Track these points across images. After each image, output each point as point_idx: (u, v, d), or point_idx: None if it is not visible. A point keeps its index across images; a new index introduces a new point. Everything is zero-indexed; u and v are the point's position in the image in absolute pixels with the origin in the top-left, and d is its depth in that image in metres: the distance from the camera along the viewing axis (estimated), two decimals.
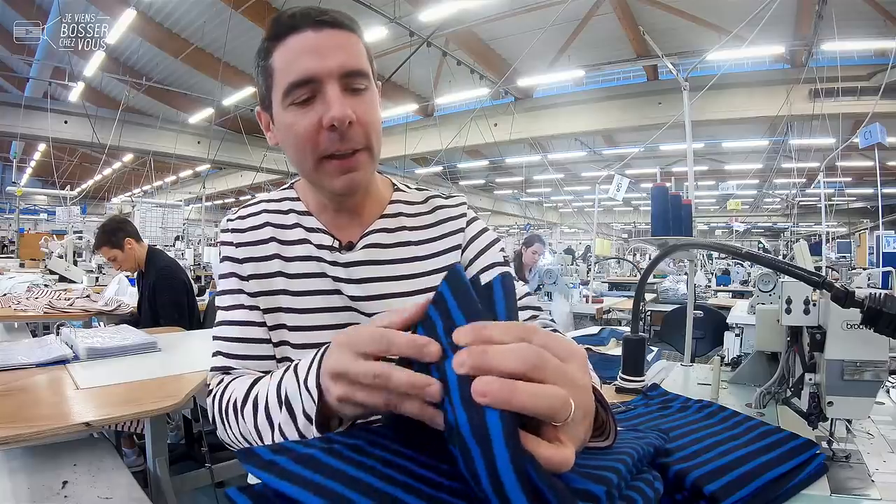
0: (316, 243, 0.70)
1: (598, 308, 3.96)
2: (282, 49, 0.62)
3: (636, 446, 0.47)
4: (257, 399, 0.54)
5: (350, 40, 0.64)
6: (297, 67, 0.61)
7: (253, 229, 0.71)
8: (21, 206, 11.84)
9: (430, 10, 7.27)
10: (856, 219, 17.19)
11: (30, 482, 0.93)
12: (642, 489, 0.42)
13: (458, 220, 0.75)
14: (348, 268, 0.68)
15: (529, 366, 0.32)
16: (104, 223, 2.66)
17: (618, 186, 4.48)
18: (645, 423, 0.81)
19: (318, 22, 0.62)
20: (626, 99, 10.41)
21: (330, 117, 0.60)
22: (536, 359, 0.32)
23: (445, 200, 0.77)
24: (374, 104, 0.65)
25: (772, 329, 0.99)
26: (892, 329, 0.62)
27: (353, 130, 0.62)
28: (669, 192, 1.53)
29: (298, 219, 0.72)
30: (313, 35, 0.62)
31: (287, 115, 0.63)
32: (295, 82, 0.61)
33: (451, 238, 0.73)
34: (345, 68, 0.61)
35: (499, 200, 21.98)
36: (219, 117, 11.75)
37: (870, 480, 0.68)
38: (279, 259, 0.69)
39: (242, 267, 0.69)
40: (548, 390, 0.32)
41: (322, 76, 0.61)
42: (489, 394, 0.30)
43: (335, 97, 0.60)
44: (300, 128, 0.62)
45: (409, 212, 0.74)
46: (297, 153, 0.64)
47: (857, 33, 7.17)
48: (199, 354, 1.65)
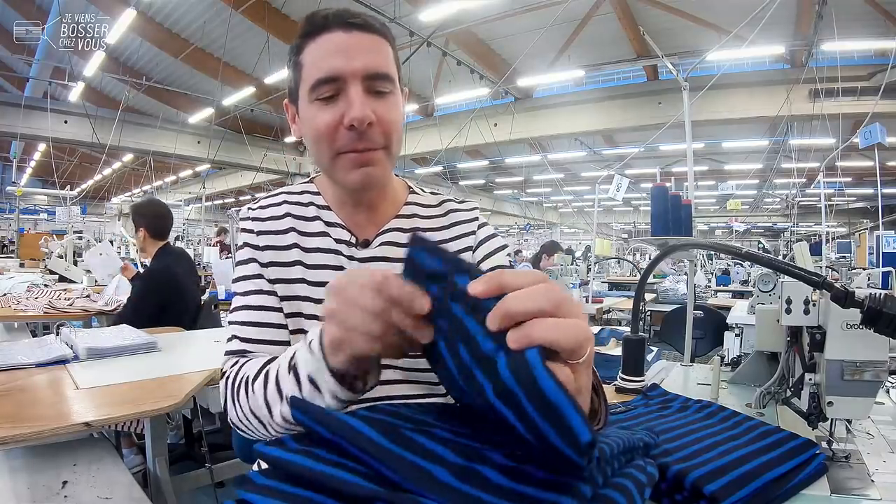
0: (335, 237, 0.72)
1: (598, 308, 3.96)
2: (312, 46, 0.65)
3: (625, 437, 0.47)
4: (268, 373, 0.56)
5: (378, 44, 0.66)
6: (324, 65, 0.63)
7: (273, 219, 0.73)
8: (21, 206, 11.84)
9: (429, 10, 7.27)
10: (856, 219, 17.19)
11: (30, 482, 0.93)
12: (634, 475, 0.42)
13: (471, 223, 0.78)
14: (364, 263, 0.71)
15: (553, 304, 0.34)
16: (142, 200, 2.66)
17: (618, 186, 4.48)
18: (644, 423, 0.81)
19: (349, 23, 0.64)
20: (626, 99, 10.40)
21: (350, 117, 0.62)
22: (558, 297, 0.35)
23: (459, 205, 0.80)
24: (396, 107, 0.67)
25: (772, 329, 0.99)
26: (892, 329, 0.62)
27: (373, 131, 0.64)
28: (669, 192, 1.53)
29: (318, 212, 0.74)
30: (343, 35, 0.64)
31: (311, 109, 0.65)
32: (321, 79, 0.63)
33: (463, 240, 0.76)
34: (369, 70, 0.64)
35: (499, 200, 21.97)
36: (219, 117, 11.75)
37: (870, 480, 0.68)
38: (298, 249, 0.71)
39: (262, 254, 0.71)
40: (576, 324, 0.34)
41: (347, 75, 0.63)
42: (531, 335, 0.33)
43: (357, 97, 0.63)
44: (321, 123, 0.64)
45: (423, 213, 0.77)
46: (316, 147, 0.67)
47: (857, 33, 7.17)
48: (199, 354, 1.65)
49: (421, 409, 0.51)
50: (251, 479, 0.37)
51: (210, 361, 1.44)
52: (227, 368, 0.66)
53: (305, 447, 0.38)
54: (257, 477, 0.38)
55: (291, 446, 0.38)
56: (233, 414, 0.61)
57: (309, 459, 0.37)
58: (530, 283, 0.36)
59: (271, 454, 0.38)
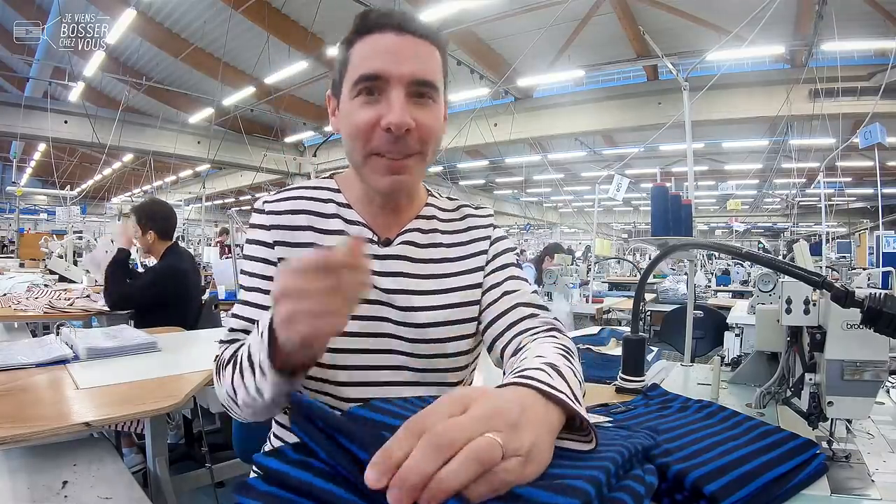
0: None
1: (598, 308, 3.96)
2: (362, 43, 0.65)
3: (622, 449, 0.47)
4: (237, 356, 0.61)
5: (428, 51, 0.67)
6: (370, 63, 0.63)
7: (290, 213, 0.73)
8: (21, 206, 11.84)
9: (430, 10, 7.26)
10: (856, 219, 17.19)
11: (30, 482, 0.93)
12: (632, 487, 0.42)
13: (486, 228, 0.80)
14: (384, 261, 0.72)
15: (442, 457, 0.32)
16: (144, 201, 2.73)
17: (618, 186, 4.48)
18: (644, 423, 0.81)
19: (402, 27, 0.65)
20: (626, 99, 10.40)
21: (388, 121, 0.62)
22: (440, 446, 0.32)
23: (475, 211, 0.82)
24: (436, 115, 0.68)
25: (772, 329, 0.99)
26: (892, 329, 0.62)
27: (410, 137, 0.64)
28: (669, 192, 1.53)
29: (338, 210, 0.74)
30: (395, 38, 0.64)
31: (351, 104, 0.65)
32: (365, 76, 0.63)
33: (478, 244, 0.78)
34: (415, 76, 0.64)
35: (499, 200, 21.97)
36: (219, 117, 11.75)
37: (870, 480, 0.68)
38: (315, 247, 0.71)
39: (273, 251, 0.71)
40: (467, 455, 0.32)
41: (391, 77, 0.63)
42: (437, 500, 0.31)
43: (398, 102, 0.63)
44: (359, 120, 0.64)
45: (441, 217, 0.79)
46: (351, 143, 0.67)
47: (857, 33, 7.17)
48: (199, 354, 1.65)
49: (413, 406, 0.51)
50: (252, 486, 0.37)
51: (210, 361, 1.44)
52: (219, 352, 0.70)
53: (304, 458, 0.38)
54: (259, 483, 0.37)
55: (290, 457, 0.38)
56: (218, 390, 0.66)
57: (307, 473, 0.37)
58: (410, 445, 0.33)
59: (269, 466, 0.38)
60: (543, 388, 0.44)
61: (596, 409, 0.89)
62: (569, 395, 0.46)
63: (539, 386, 0.45)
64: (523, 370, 0.50)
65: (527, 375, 0.47)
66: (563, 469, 0.40)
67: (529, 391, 0.44)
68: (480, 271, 0.77)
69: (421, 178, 0.73)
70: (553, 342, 0.63)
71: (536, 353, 0.58)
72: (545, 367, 0.51)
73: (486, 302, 0.74)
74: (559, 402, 0.44)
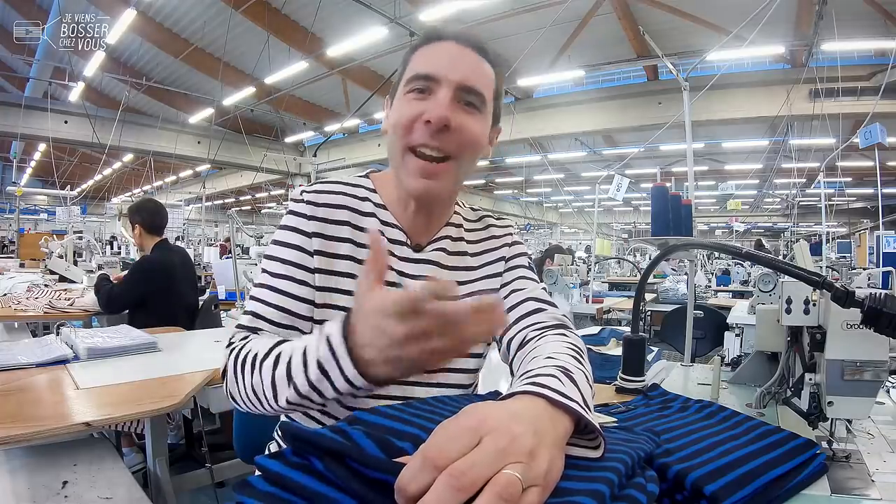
0: (389, 237, 0.74)
1: (598, 308, 3.96)
2: (424, 49, 0.70)
3: (625, 456, 0.47)
4: (279, 357, 0.56)
5: (482, 65, 0.70)
6: (425, 65, 0.68)
7: (330, 207, 0.73)
8: (21, 206, 11.81)
9: (430, 10, 7.26)
10: (856, 219, 17.19)
11: (30, 482, 0.93)
12: (633, 496, 0.42)
13: (505, 237, 0.84)
14: (416, 264, 0.74)
15: (463, 498, 0.32)
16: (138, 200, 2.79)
17: (618, 186, 4.48)
18: (644, 423, 0.81)
19: (462, 38, 0.70)
20: (626, 99, 10.39)
21: (429, 114, 0.65)
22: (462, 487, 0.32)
23: (496, 220, 0.86)
24: (479, 124, 0.70)
25: (772, 329, 0.99)
26: (893, 329, 0.62)
27: (448, 135, 0.66)
28: (669, 192, 1.53)
29: (374, 209, 0.76)
30: (453, 47, 0.69)
31: (401, 101, 0.69)
32: (418, 75, 0.67)
33: (498, 251, 0.82)
34: (465, 82, 0.67)
35: (499, 200, 21.97)
36: (219, 117, 11.75)
37: (870, 480, 0.68)
38: (351, 244, 0.72)
39: (310, 241, 0.71)
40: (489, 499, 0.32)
41: (442, 79, 0.66)
42: None
43: (444, 100, 0.66)
44: (404, 113, 0.67)
45: (467, 226, 0.82)
46: (392, 136, 0.69)
47: (857, 33, 7.16)
48: (199, 354, 1.65)
49: (417, 411, 0.51)
50: (253, 485, 0.37)
51: (210, 361, 1.45)
52: (235, 340, 0.66)
53: (305, 461, 0.38)
54: (260, 483, 0.37)
55: (292, 460, 0.38)
56: (233, 387, 0.62)
57: (308, 476, 0.37)
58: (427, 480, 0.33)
59: (271, 468, 0.38)
60: (555, 399, 0.44)
61: (596, 409, 0.89)
62: (580, 403, 0.46)
63: (550, 395, 0.45)
64: (534, 375, 0.50)
65: (538, 383, 0.47)
66: (570, 482, 0.39)
67: (541, 401, 0.44)
68: (498, 277, 0.80)
69: (455, 188, 0.74)
70: (563, 340, 0.64)
71: (547, 352, 0.59)
72: (557, 372, 0.51)
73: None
74: (570, 412, 0.44)
